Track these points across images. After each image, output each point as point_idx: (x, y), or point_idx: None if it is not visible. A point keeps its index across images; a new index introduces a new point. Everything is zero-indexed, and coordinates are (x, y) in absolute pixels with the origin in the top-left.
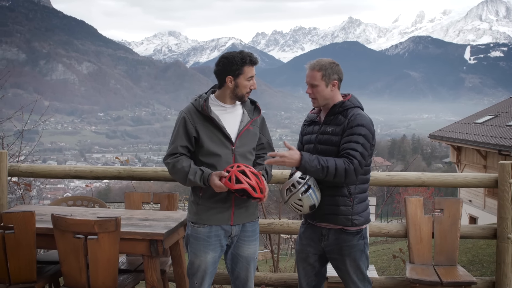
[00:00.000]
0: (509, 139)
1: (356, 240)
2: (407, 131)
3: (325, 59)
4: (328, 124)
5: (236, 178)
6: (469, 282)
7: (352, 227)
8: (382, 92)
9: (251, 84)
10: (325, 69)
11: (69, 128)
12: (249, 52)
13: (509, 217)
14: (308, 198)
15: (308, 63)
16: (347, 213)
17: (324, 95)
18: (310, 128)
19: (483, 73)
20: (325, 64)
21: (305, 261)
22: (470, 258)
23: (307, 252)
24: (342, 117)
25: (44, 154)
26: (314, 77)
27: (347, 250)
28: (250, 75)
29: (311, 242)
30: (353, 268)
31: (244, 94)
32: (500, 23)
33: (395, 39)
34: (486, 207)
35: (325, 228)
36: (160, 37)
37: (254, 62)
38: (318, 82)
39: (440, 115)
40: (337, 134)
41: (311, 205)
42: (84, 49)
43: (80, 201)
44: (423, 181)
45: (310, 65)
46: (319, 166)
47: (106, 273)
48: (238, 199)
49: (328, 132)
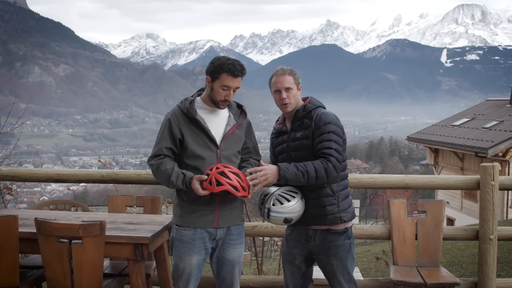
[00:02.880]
0: (485, 141)
1: (342, 240)
2: (384, 134)
3: (286, 67)
4: (296, 130)
5: (216, 181)
6: (453, 283)
7: (340, 225)
8: (360, 94)
9: (225, 94)
10: (294, 74)
11: (45, 131)
12: (237, 63)
13: (491, 218)
14: (274, 220)
15: (275, 71)
16: (334, 212)
17: (297, 98)
18: (279, 139)
19: (459, 76)
20: (293, 70)
21: (291, 263)
22: (449, 259)
23: (293, 254)
24: (308, 120)
25: (20, 157)
26: (289, 81)
27: (333, 250)
28: (226, 84)
29: (297, 244)
30: (339, 268)
31: (217, 101)
32: (476, 27)
33: (372, 42)
34: (463, 209)
35: (312, 229)
36: (138, 39)
37: (233, 73)
38: (292, 86)
39: (417, 117)
40: (307, 138)
41: (285, 220)
42: (61, 51)
43: (62, 205)
44: (406, 184)
45: (280, 71)
46: (299, 172)
47: (91, 277)
48: (223, 202)
49: (298, 138)
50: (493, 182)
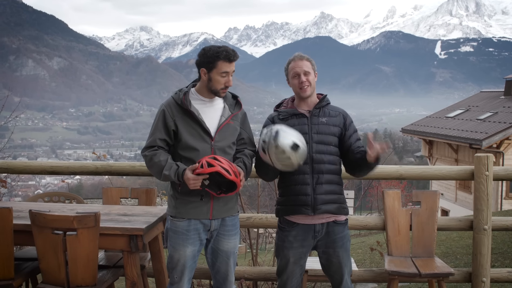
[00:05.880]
0: (479, 132)
1: (346, 230)
2: (379, 126)
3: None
4: (319, 116)
5: (208, 163)
6: (447, 274)
7: (342, 217)
8: (354, 86)
9: (225, 81)
10: (311, 61)
11: (40, 124)
12: (229, 48)
13: (485, 208)
14: (282, 142)
15: (292, 57)
16: (341, 201)
17: (314, 84)
18: (293, 121)
19: (454, 68)
20: (309, 57)
21: (297, 264)
22: (444, 250)
23: (300, 253)
24: (331, 110)
25: (14, 151)
26: (307, 65)
27: (340, 242)
28: (224, 70)
29: (304, 243)
30: (345, 259)
31: (218, 90)
32: (470, 18)
33: (366, 34)
34: (457, 200)
35: (318, 225)
36: (132, 32)
37: (229, 58)
38: (310, 70)
39: (412, 109)
40: (335, 125)
41: (292, 146)
42: (55, 44)
43: (57, 197)
44: (401, 174)
45: (299, 56)
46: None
47: (86, 269)
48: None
49: (323, 123)
50: (487, 173)
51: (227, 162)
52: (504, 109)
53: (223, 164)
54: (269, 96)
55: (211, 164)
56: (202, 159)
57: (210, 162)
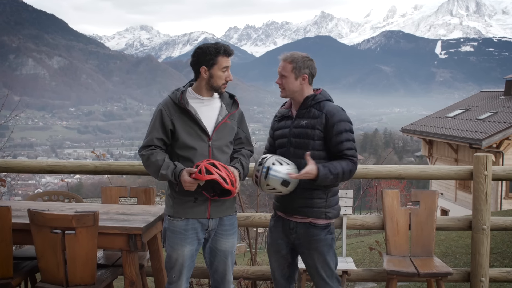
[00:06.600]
0: (479, 132)
1: (324, 234)
2: (379, 125)
3: (300, 53)
4: (301, 118)
5: (206, 170)
6: (446, 273)
7: (321, 220)
8: (354, 86)
9: (226, 76)
10: (296, 62)
11: (40, 123)
12: (224, 43)
13: (484, 208)
14: (272, 180)
15: (283, 54)
16: (321, 206)
17: (292, 87)
18: (282, 123)
19: (454, 68)
20: (298, 57)
21: (277, 253)
22: (443, 250)
23: (278, 244)
24: (316, 111)
25: (14, 150)
26: (285, 68)
27: (314, 244)
28: (225, 65)
29: (281, 235)
30: (320, 263)
31: (220, 86)
32: (470, 18)
33: (367, 33)
34: (457, 200)
35: (293, 222)
36: (132, 31)
37: (228, 53)
38: (287, 74)
39: (412, 109)
40: (313, 128)
41: (283, 182)
42: (55, 43)
43: (56, 196)
44: (400, 174)
45: (283, 56)
46: (332, 176)
47: (84, 268)
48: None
49: (302, 126)
50: (486, 172)
51: (225, 170)
52: (504, 109)
53: (221, 172)
54: (269, 96)
55: (209, 171)
56: (201, 164)
57: (209, 169)
